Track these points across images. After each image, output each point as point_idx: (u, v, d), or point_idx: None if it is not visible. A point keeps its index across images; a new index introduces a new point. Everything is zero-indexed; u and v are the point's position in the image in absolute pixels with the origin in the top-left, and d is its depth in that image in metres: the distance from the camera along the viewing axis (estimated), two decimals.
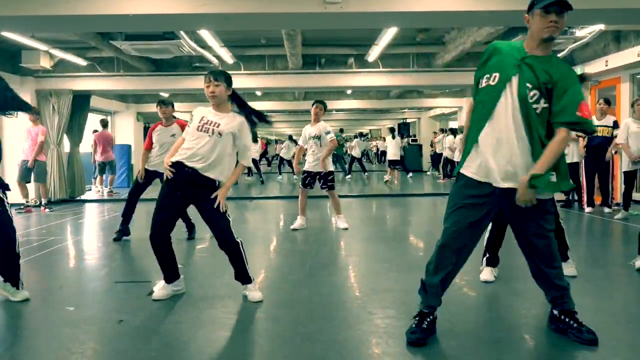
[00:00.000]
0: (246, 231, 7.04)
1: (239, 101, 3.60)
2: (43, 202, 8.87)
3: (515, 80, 2.58)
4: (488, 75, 2.66)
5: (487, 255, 3.92)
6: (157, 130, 5.69)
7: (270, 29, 8.04)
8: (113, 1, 4.79)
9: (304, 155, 6.82)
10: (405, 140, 13.58)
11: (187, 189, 3.44)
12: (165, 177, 3.50)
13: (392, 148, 14.04)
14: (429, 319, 2.77)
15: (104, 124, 11.27)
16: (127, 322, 3.13)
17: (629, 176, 6.84)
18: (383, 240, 5.87)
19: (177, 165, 3.43)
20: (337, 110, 19.92)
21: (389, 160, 14.36)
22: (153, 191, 5.88)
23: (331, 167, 6.42)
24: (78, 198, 10.46)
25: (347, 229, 6.38)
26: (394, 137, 14.23)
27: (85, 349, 2.79)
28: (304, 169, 6.48)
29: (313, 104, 6.40)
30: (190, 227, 5.87)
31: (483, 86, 2.69)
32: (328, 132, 6.35)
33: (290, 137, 17.16)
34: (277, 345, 2.83)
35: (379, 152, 26.38)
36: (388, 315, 3.17)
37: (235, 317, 3.27)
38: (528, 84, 2.56)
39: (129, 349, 2.78)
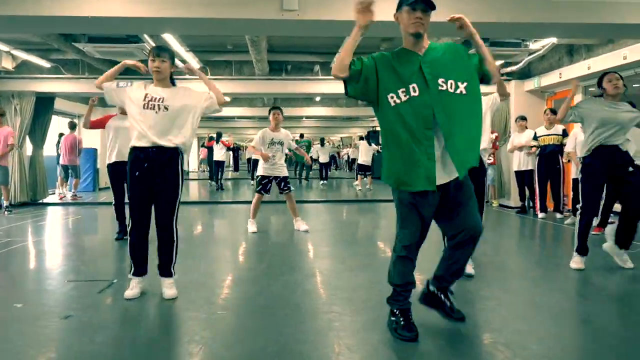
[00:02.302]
0: (210, 234, 7.10)
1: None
2: (4, 205, 8.72)
3: (430, 81, 2.62)
4: (404, 90, 2.64)
5: None
6: (116, 118, 5.70)
7: (230, 34, 8.12)
8: (71, 3, 4.80)
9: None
10: (375, 147, 13.75)
11: (150, 170, 3.42)
12: (129, 166, 3.46)
13: (364, 155, 13.64)
14: (410, 314, 2.87)
15: (71, 126, 11.12)
16: (75, 318, 3.17)
17: (578, 183, 7.10)
18: (342, 243, 5.99)
19: (137, 150, 3.43)
20: (307, 117, 20.03)
21: (360, 165, 13.88)
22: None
23: (286, 172, 6.59)
24: (40, 201, 10.31)
25: (307, 231, 6.50)
26: (370, 144, 13.87)
27: (32, 342, 2.81)
28: (262, 173, 6.50)
29: (272, 110, 6.51)
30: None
31: (405, 100, 2.64)
32: (294, 140, 6.56)
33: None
34: (222, 340, 2.91)
35: (350, 160, 26.61)
36: (333, 311, 3.29)
37: (181, 315, 3.34)
38: (441, 79, 2.63)
39: (74, 343, 2.82)
